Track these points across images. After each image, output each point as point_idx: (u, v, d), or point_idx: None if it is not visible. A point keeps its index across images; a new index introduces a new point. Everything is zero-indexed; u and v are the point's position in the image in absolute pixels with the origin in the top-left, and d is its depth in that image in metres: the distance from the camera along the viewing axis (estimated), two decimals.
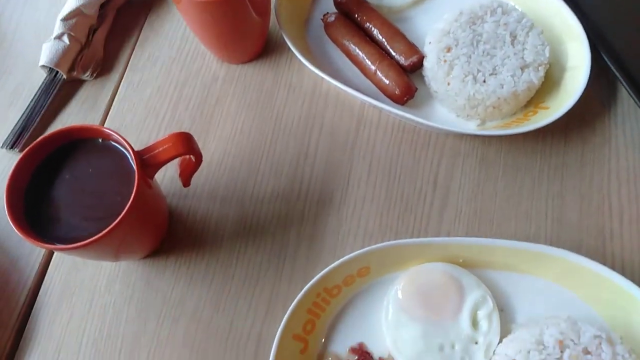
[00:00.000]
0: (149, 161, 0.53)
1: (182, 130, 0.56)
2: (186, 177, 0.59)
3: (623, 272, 0.60)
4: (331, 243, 0.64)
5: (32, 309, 0.62)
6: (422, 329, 0.57)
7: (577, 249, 0.61)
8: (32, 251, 0.65)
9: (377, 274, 0.60)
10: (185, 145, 0.53)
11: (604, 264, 0.57)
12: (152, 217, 0.59)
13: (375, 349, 0.58)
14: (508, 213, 0.65)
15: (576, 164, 0.67)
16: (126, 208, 0.49)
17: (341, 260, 0.58)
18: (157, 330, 0.61)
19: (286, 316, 0.55)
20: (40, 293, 0.63)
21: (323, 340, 0.58)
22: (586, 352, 0.52)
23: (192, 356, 0.60)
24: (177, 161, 0.59)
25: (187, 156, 0.57)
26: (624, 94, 0.70)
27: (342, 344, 0.58)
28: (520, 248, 0.59)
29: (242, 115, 0.72)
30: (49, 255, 0.66)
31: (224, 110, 0.73)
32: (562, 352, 0.52)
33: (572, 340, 0.52)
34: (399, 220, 0.65)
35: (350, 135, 0.70)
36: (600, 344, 0.52)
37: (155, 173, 0.55)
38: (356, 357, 0.57)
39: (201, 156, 0.57)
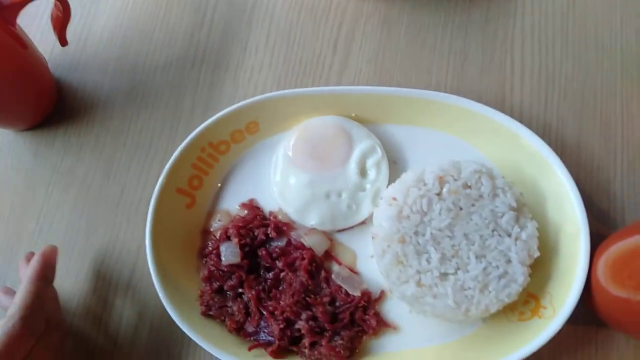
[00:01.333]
0: (2, 3, 0.49)
1: None
2: (59, 31, 0.56)
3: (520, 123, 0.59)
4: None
5: None
6: (309, 178, 0.56)
7: (477, 102, 0.60)
8: None
9: (268, 132, 0.59)
10: None
11: None
12: (25, 77, 0.56)
13: (265, 204, 0.58)
14: (408, 71, 0.63)
15: (481, 20, 0.65)
16: None
17: (224, 111, 0.56)
18: (45, 199, 0.60)
19: (166, 168, 0.54)
20: None
21: (213, 197, 0.58)
22: (466, 186, 0.51)
23: (81, 222, 0.59)
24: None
25: (56, 6, 0.54)
26: None
27: (232, 201, 0.58)
28: (414, 96, 0.57)
29: None
30: None
31: None
32: (441, 187, 0.51)
33: (452, 176, 0.51)
34: (297, 84, 0.63)
35: (249, 1, 0.67)
36: (480, 177, 0.51)
37: (14, 17, 0.51)
38: (246, 212, 0.57)
39: (68, 5, 0.54)
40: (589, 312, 0.53)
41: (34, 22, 0.67)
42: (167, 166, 0.54)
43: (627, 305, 0.43)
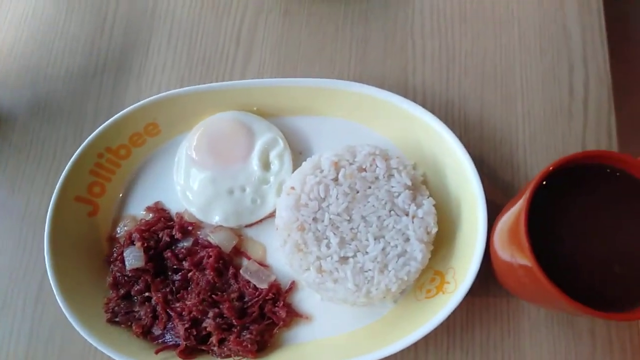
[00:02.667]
0: None
1: None
2: None
3: (424, 104, 0.59)
4: None
5: None
6: (211, 176, 0.55)
7: (380, 87, 0.60)
8: None
9: (169, 134, 0.58)
10: None
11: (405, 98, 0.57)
12: None
13: (172, 206, 0.57)
14: (312, 60, 0.63)
15: (380, 6, 0.65)
16: None
17: (118, 114, 0.55)
18: None
19: (61, 178, 0.53)
20: None
21: (117, 203, 0.57)
22: (361, 169, 0.51)
23: None
24: None
25: None
26: None
27: (138, 206, 0.57)
28: (315, 86, 0.57)
29: None
30: None
31: None
32: (337, 172, 0.51)
33: (348, 161, 0.52)
34: (200, 81, 0.63)
35: (150, 2, 0.66)
36: (375, 160, 0.52)
37: None
38: (151, 215, 0.56)
39: None
40: (499, 286, 0.54)
41: None
42: (62, 175, 0.53)
43: (511, 269, 0.44)
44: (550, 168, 0.40)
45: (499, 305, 0.55)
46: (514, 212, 0.43)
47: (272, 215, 0.56)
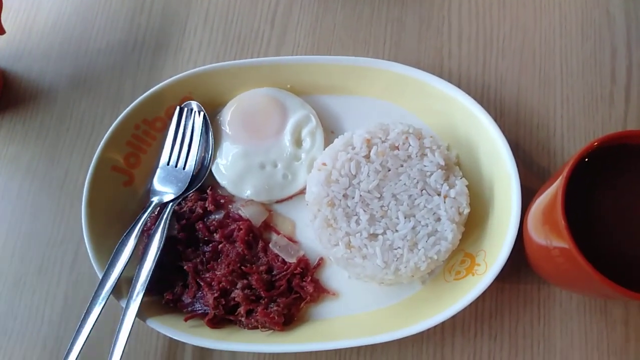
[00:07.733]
0: None
1: None
2: None
3: (459, 86, 0.58)
4: None
5: None
6: (243, 150, 0.56)
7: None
8: None
9: (203, 107, 0.59)
10: None
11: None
12: None
13: (205, 179, 0.58)
14: (346, 43, 0.63)
15: None
16: None
17: (156, 87, 0.56)
18: None
19: (100, 146, 0.55)
20: None
21: (152, 174, 0.58)
22: (393, 147, 0.51)
23: (27, 207, 0.59)
24: None
25: None
26: None
27: None
28: (348, 64, 0.57)
29: None
30: None
31: None
32: (369, 150, 0.51)
33: (380, 138, 0.51)
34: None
35: None
36: (407, 138, 0.51)
37: None
38: None
39: None
40: (531, 272, 0.53)
41: None
42: (101, 144, 0.55)
43: (545, 251, 0.43)
44: (595, 144, 0.39)
45: (530, 292, 0.54)
46: (550, 192, 0.42)
47: (302, 192, 0.56)
